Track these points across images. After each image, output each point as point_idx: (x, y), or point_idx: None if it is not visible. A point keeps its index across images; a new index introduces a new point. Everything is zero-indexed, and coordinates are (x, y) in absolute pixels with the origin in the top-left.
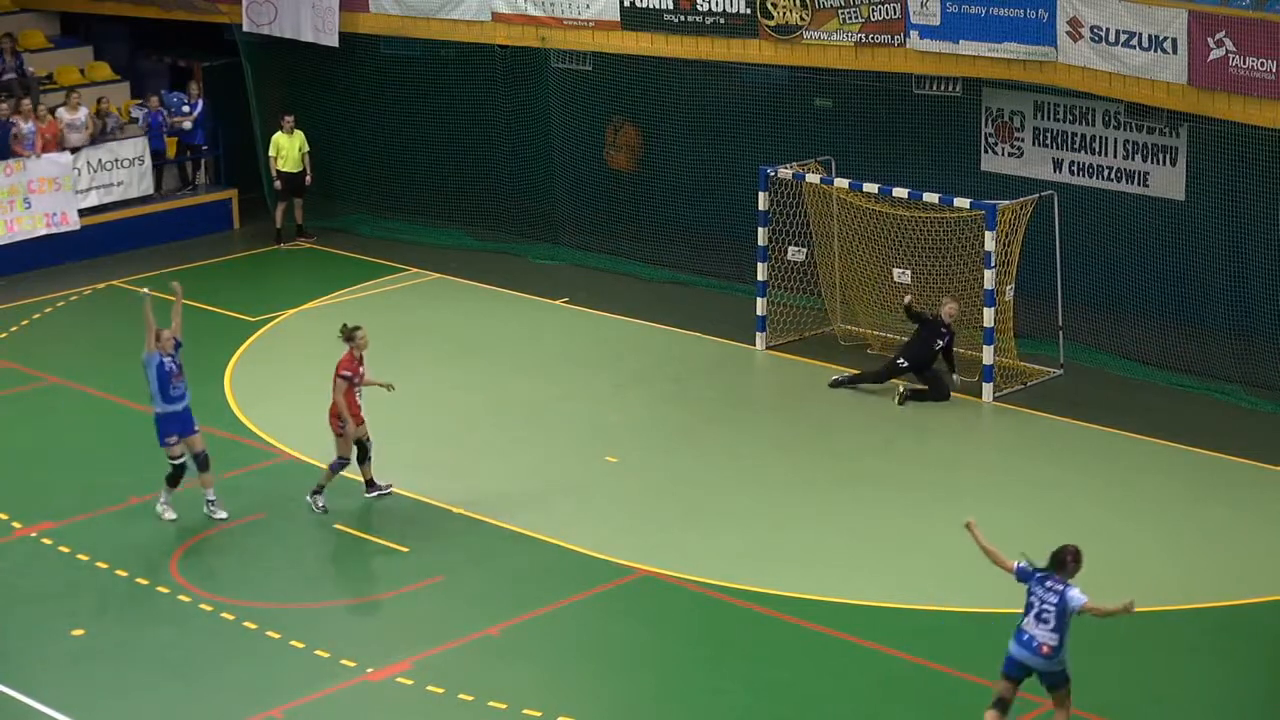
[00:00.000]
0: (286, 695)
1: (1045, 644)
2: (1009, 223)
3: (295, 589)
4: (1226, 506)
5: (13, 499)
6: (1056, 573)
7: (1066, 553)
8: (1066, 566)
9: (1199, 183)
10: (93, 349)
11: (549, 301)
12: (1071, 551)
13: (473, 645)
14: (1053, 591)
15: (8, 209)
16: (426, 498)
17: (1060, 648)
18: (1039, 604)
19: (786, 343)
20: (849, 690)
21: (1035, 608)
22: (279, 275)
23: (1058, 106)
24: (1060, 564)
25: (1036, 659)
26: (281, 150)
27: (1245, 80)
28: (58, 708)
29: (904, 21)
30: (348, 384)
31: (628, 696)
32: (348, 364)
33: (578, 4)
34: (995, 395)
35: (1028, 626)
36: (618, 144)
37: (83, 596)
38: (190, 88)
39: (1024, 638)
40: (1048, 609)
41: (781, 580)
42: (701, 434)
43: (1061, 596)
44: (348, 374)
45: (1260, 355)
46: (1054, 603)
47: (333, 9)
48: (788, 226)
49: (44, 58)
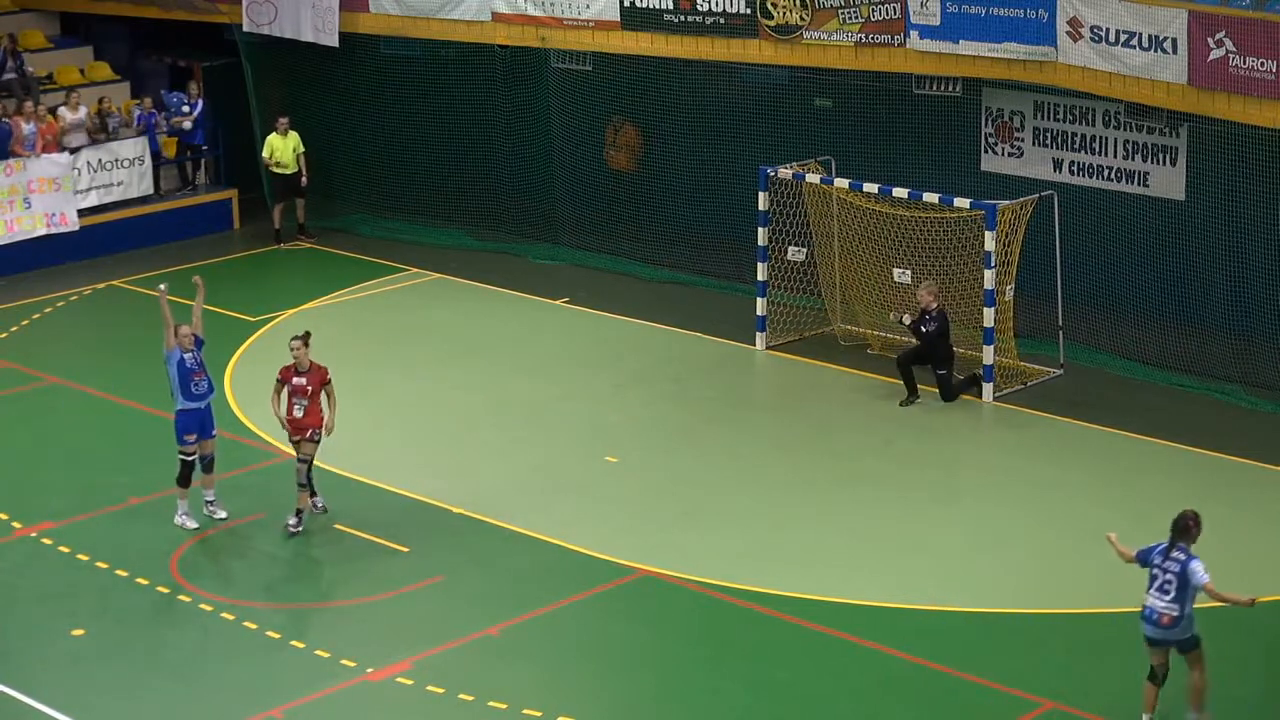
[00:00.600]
0: (286, 695)
1: (1166, 614)
2: (1009, 223)
3: (295, 589)
4: (1226, 506)
5: (13, 499)
6: (1180, 540)
7: (1187, 518)
8: (1190, 532)
9: (1199, 183)
10: (93, 349)
11: (549, 301)
12: (1192, 516)
13: (473, 645)
14: (1175, 561)
15: (8, 209)
16: (426, 498)
17: (1181, 617)
18: (1161, 575)
19: (786, 343)
20: (849, 690)
21: (1158, 579)
22: (279, 275)
23: (1058, 106)
24: (1183, 530)
25: (1159, 630)
26: (276, 151)
27: (1245, 80)
28: (58, 707)
29: (904, 21)
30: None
31: (628, 696)
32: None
33: (578, 4)
34: (995, 395)
35: (1150, 600)
36: (618, 144)
37: (83, 596)
38: (190, 88)
39: (1147, 611)
40: (1169, 579)
41: (781, 580)
42: (701, 434)
43: (1184, 566)
44: (279, 378)
45: (1260, 355)
46: (1175, 571)
47: (333, 9)
48: (788, 226)
49: (44, 58)
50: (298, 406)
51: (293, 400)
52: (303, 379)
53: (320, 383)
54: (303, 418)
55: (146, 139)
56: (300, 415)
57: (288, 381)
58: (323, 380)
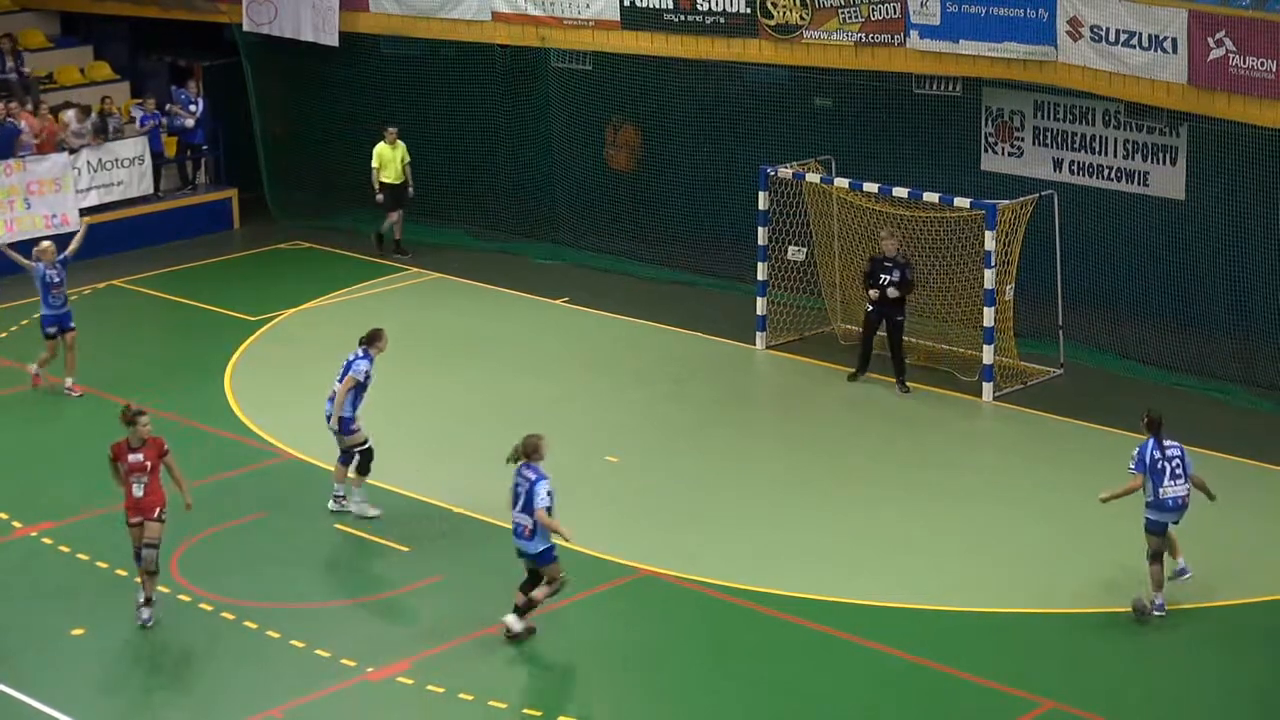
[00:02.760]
0: (286, 695)
1: (1184, 497)
2: (1009, 222)
3: (295, 589)
4: (1227, 506)
5: (13, 499)
6: (1159, 431)
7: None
8: (1162, 423)
9: (1199, 182)
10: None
11: (549, 301)
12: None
13: (473, 645)
14: (1174, 447)
15: (8, 209)
16: (426, 497)
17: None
18: (1169, 465)
19: (787, 342)
20: (849, 690)
21: (1167, 470)
22: (279, 275)
23: (1058, 106)
24: (1159, 424)
25: (1182, 513)
26: (384, 161)
27: (1245, 80)
28: (58, 707)
29: (904, 21)
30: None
31: (628, 696)
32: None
33: (578, 3)
34: (995, 395)
35: (1174, 489)
36: (617, 144)
37: (83, 596)
38: (190, 87)
39: (1171, 501)
40: (1178, 464)
41: (781, 580)
42: (701, 434)
43: (1183, 452)
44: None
45: (1260, 355)
46: (1179, 456)
47: (333, 9)
48: (788, 226)
49: (44, 57)
50: (136, 485)
51: (130, 479)
52: (139, 454)
53: (158, 455)
54: (144, 497)
55: (147, 139)
56: (140, 495)
57: (121, 460)
58: (160, 452)
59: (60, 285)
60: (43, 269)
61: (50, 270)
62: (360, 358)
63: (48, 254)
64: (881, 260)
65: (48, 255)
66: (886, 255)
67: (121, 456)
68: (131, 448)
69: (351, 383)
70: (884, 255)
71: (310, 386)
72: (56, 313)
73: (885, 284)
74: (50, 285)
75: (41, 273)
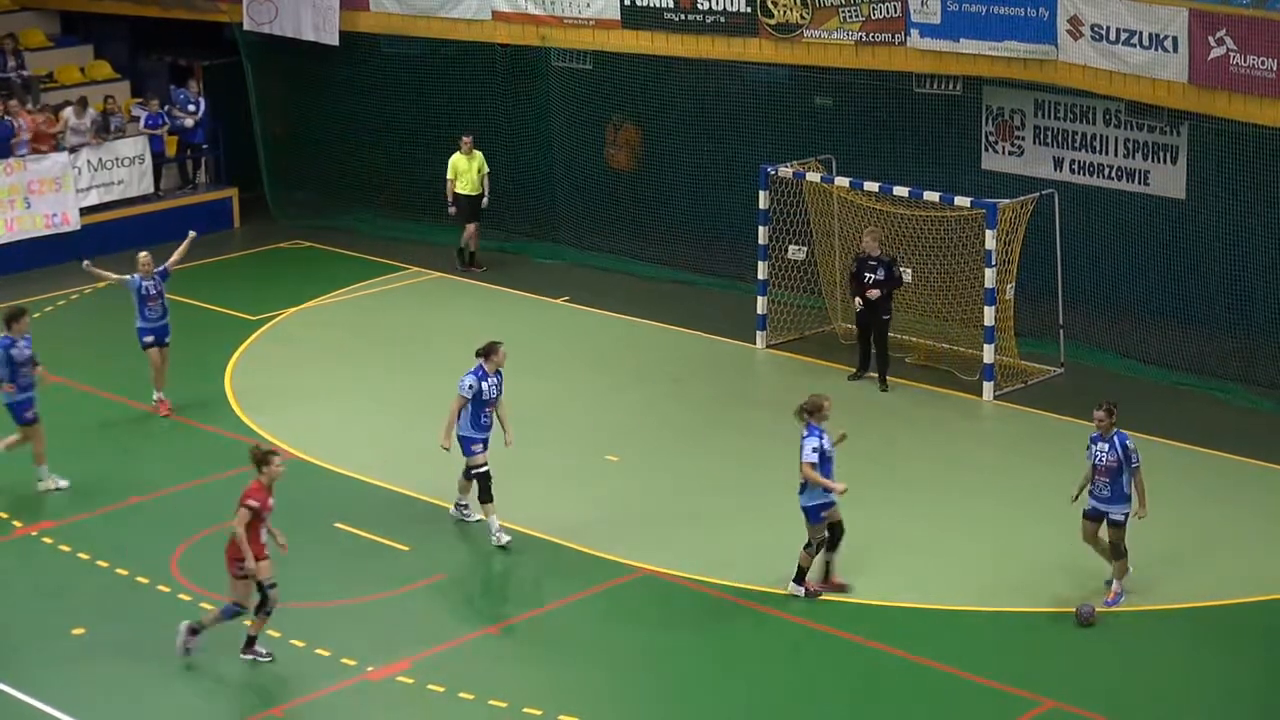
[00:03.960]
0: (286, 695)
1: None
2: (1009, 221)
3: (295, 589)
4: (1226, 506)
5: (13, 498)
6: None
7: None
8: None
9: (1199, 181)
10: (93, 349)
11: (549, 301)
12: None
13: (473, 644)
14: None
15: (8, 209)
16: (427, 497)
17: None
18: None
19: (787, 341)
20: (849, 690)
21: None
22: (279, 275)
23: (1058, 105)
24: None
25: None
26: (459, 171)
27: (1246, 79)
28: (58, 706)
29: (904, 20)
30: (253, 515)
31: (628, 696)
32: (255, 493)
33: (578, 2)
34: (995, 394)
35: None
36: (618, 143)
37: (83, 596)
38: (190, 86)
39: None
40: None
41: (781, 580)
42: (701, 433)
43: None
44: (254, 504)
45: (1260, 354)
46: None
47: (333, 8)
48: (788, 225)
49: (44, 57)
50: (264, 532)
51: (257, 532)
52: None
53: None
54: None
55: (148, 139)
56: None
57: (266, 510)
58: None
59: (157, 298)
60: (138, 281)
61: (147, 282)
62: (471, 372)
63: (145, 266)
64: (866, 259)
65: (145, 267)
66: (870, 254)
67: (267, 506)
68: (267, 489)
69: (458, 401)
70: (867, 254)
71: (310, 386)
72: (153, 325)
73: (870, 283)
74: (146, 298)
75: (137, 284)
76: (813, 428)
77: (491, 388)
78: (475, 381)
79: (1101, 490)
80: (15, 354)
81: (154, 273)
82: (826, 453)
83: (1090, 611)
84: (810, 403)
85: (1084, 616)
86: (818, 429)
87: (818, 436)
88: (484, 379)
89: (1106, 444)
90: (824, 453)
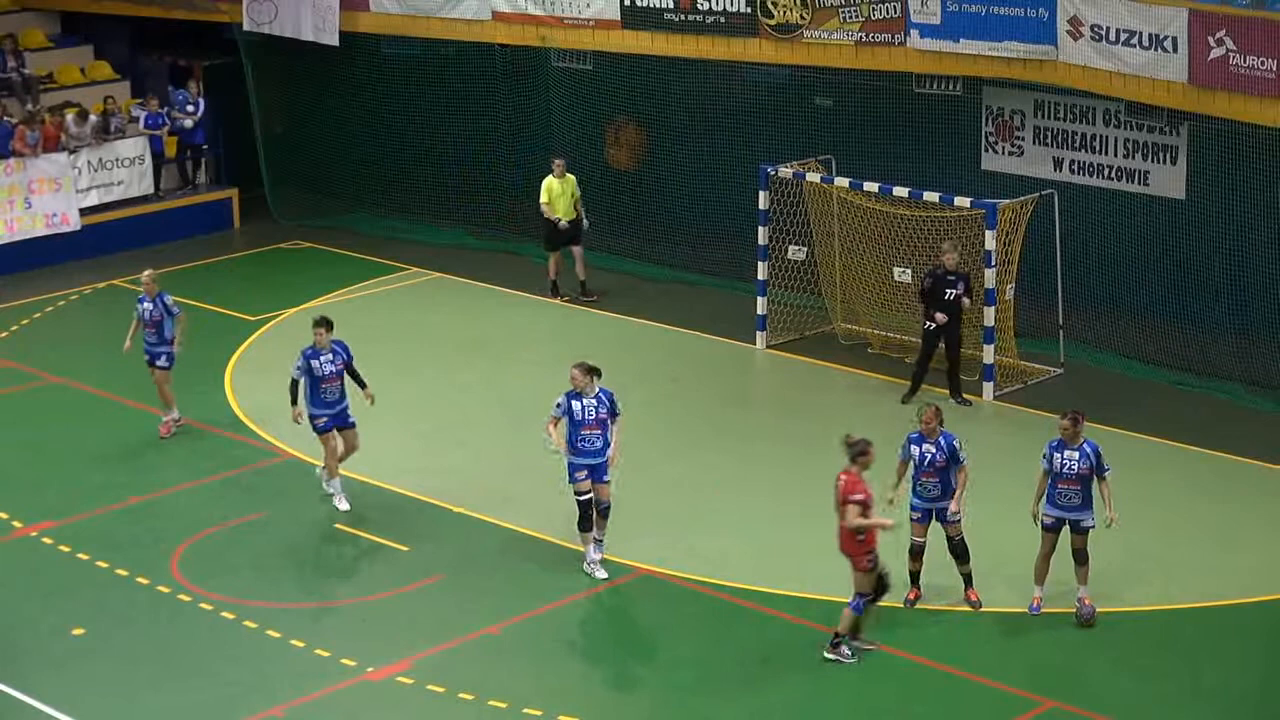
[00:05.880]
0: (286, 695)
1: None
2: (1009, 222)
3: (295, 589)
4: (1226, 506)
5: (13, 498)
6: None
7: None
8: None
9: (1199, 181)
10: (93, 349)
11: (549, 301)
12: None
13: (473, 645)
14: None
15: (8, 209)
16: (427, 497)
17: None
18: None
19: (787, 342)
20: (849, 690)
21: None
22: (279, 275)
23: (1058, 105)
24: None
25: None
26: (554, 196)
27: (1245, 79)
28: (58, 706)
29: (904, 20)
30: (863, 507)
31: (628, 696)
32: (856, 485)
33: (578, 3)
34: (995, 394)
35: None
36: (619, 143)
37: (83, 596)
38: (190, 87)
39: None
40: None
41: (781, 580)
42: (701, 433)
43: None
44: (860, 497)
45: (1260, 353)
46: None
47: (333, 8)
48: (788, 225)
49: (44, 57)
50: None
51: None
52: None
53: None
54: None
55: (148, 139)
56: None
57: (869, 497)
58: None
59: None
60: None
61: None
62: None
63: (323, 340)
64: (945, 275)
65: (323, 341)
66: (949, 269)
67: (870, 495)
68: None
69: (551, 421)
70: (945, 269)
71: None
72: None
73: (951, 298)
74: (321, 378)
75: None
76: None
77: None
78: (563, 399)
79: (1070, 499)
80: (315, 367)
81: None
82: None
83: (1091, 612)
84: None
85: (1084, 616)
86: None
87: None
88: (578, 398)
89: (1076, 452)
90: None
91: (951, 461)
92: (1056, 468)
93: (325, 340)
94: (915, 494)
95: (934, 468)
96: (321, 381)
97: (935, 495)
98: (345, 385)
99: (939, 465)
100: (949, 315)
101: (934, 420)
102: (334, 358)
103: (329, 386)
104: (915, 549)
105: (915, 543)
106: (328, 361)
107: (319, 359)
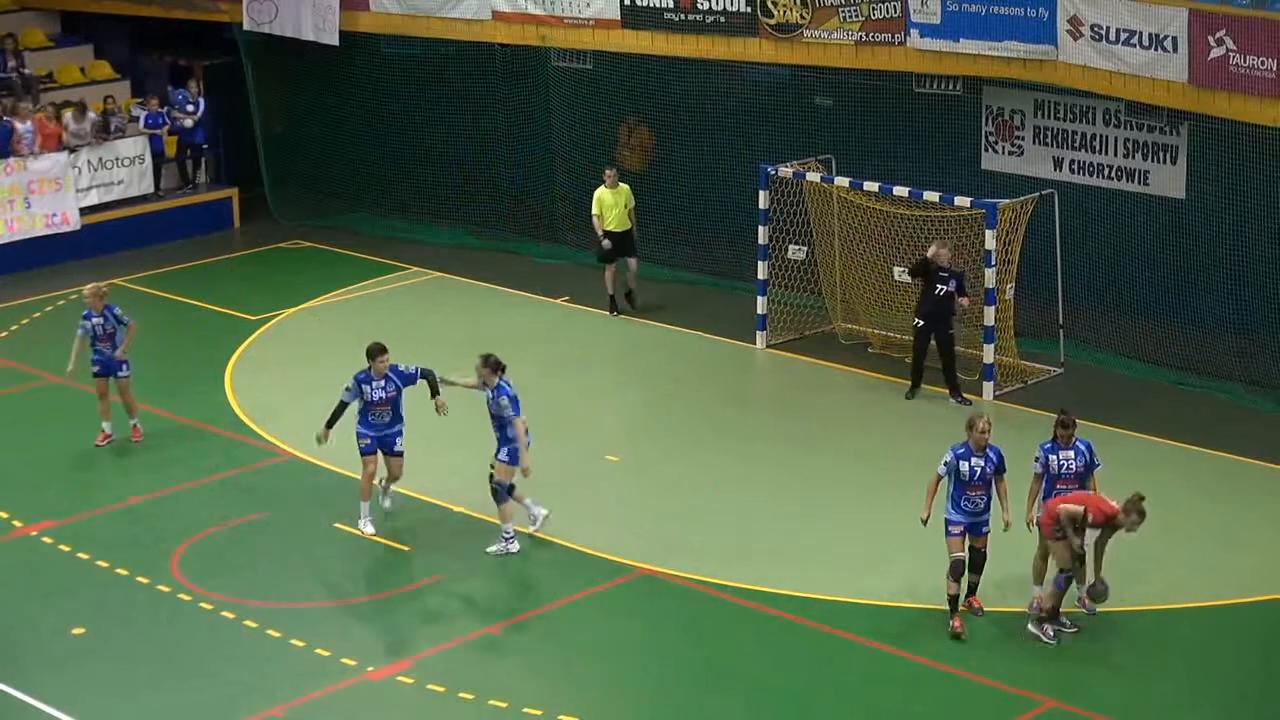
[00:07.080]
0: (286, 695)
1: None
2: (1009, 221)
3: (295, 589)
4: (1226, 506)
5: (13, 498)
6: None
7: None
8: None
9: (1199, 181)
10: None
11: (549, 301)
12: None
13: (473, 644)
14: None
15: (8, 209)
16: (426, 497)
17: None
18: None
19: (787, 341)
20: (849, 689)
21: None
22: (279, 274)
23: (1058, 105)
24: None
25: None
26: (606, 207)
27: (1245, 78)
28: (57, 706)
29: (904, 20)
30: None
31: (628, 696)
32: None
33: (578, 2)
34: (995, 394)
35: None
36: (631, 145)
37: (83, 596)
38: (190, 86)
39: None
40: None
41: (781, 580)
42: (701, 433)
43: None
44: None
45: (1260, 353)
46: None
47: (333, 8)
48: (788, 225)
49: (44, 57)
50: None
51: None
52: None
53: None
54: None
55: (147, 139)
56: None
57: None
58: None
59: (386, 404)
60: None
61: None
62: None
63: (383, 367)
64: (937, 270)
65: (383, 368)
66: (941, 265)
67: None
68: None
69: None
70: (938, 264)
71: (310, 386)
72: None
73: (941, 294)
74: (371, 403)
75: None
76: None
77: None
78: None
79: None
80: (367, 392)
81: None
82: (961, 472)
83: (1092, 613)
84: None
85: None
86: (959, 446)
87: (952, 453)
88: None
89: (1072, 451)
90: (957, 470)
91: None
92: (1055, 469)
93: (384, 367)
94: (959, 509)
95: (983, 481)
96: (372, 406)
97: (980, 509)
98: (400, 412)
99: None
100: (940, 313)
101: (989, 432)
102: (386, 384)
103: (379, 411)
104: (957, 566)
105: (957, 559)
106: (379, 388)
107: (370, 384)
